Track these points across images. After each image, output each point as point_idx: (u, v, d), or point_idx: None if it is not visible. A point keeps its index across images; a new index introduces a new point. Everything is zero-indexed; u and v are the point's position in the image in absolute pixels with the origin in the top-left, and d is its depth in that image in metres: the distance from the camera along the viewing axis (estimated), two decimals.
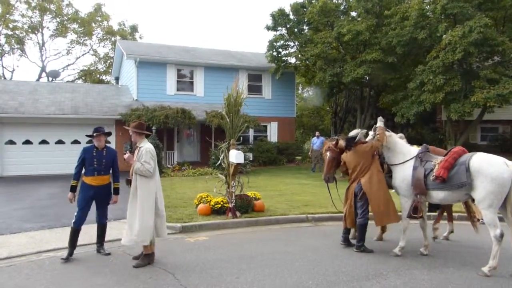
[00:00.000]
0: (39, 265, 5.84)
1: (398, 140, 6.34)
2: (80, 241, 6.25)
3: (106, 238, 7.17)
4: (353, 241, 6.54)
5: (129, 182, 5.98)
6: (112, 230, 7.84)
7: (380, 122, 6.39)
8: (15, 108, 17.49)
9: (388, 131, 6.36)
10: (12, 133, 17.61)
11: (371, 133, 6.54)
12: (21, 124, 17.58)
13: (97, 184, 6.14)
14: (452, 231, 7.21)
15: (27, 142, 17.86)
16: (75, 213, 6.08)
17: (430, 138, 20.99)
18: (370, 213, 6.33)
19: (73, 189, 6.15)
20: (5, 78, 33.14)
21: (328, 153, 6.56)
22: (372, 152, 6.32)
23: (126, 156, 5.75)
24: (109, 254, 6.19)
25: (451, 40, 15.38)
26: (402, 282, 5.01)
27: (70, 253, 6.02)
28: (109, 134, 6.55)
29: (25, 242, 6.99)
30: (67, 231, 7.08)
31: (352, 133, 6.55)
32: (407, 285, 4.90)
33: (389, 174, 6.47)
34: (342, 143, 6.57)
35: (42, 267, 5.74)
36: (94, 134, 6.18)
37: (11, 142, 17.63)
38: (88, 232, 6.79)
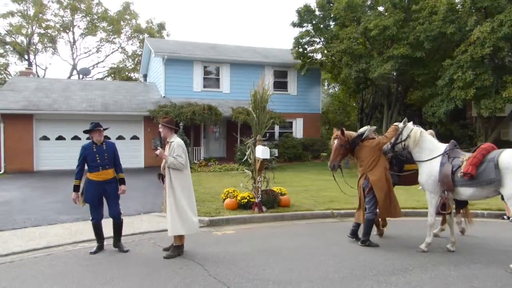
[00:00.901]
0: (75, 254, 6.14)
1: (426, 136, 6.32)
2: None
3: (138, 230, 7.50)
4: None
5: (160, 177, 6.19)
6: (144, 222, 8.17)
7: (400, 123, 6.44)
8: (49, 105, 18.14)
9: (418, 127, 6.37)
10: (46, 129, 18.27)
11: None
12: (55, 120, 18.22)
13: (103, 179, 6.13)
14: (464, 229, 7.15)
15: (60, 138, 18.49)
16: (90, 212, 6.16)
17: (460, 134, 20.55)
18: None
19: (76, 188, 6.12)
20: (38, 76, 34.26)
21: (335, 141, 6.62)
22: (379, 148, 6.42)
23: (158, 151, 5.90)
24: (127, 251, 6.15)
25: (479, 36, 15.01)
26: (428, 277, 5.02)
27: (100, 246, 6.20)
28: (106, 129, 6.42)
29: (61, 233, 7.33)
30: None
31: (361, 130, 6.72)
32: (434, 280, 4.91)
33: (396, 171, 6.74)
34: (349, 132, 6.68)
35: (78, 256, 6.03)
36: (95, 129, 6.15)
37: (45, 138, 18.30)
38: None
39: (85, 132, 6.36)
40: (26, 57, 36.81)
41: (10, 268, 5.56)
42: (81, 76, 35.71)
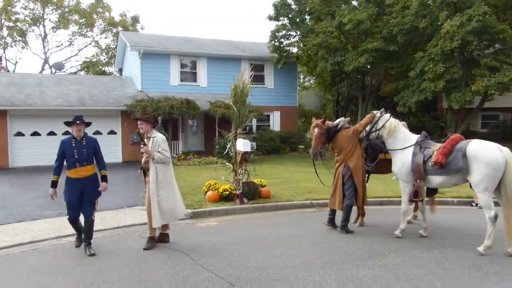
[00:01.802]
0: (61, 248, 6.24)
1: (401, 128, 6.66)
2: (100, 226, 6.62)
3: (122, 223, 7.61)
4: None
5: (141, 170, 6.31)
6: (127, 216, 8.29)
7: (377, 112, 6.79)
8: (22, 100, 17.79)
9: (394, 118, 6.71)
10: (21, 125, 17.92)
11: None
12: (29, 116, 17.87)
13: (81, 176, 5.85)
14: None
15: (35, 133, 18.17)
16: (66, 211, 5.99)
17: (431, 126, 21.29)
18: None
19: (54, 184, 5.89)
20: (8, 71, 33.33)
21: (316, 129, 6.91)
22: (355, 135, 6.78)
23: (143, 149, 6.02)
24: (93, 254, 5.77)
25: (449, 29, 15.58)
26: (402, 260, 5.38)
27: (79, 239, 6.12)
28: (89, 124, 6.17)
29: (45, 228, 7.38)
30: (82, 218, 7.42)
31: (336, 121, 7.12)
32: (407, 263, 5.26)
33: (371, 160, 7.18)
34: (328, 122, 7.03)
35: (64, 249, 6.13)
36: (77, 122, 5.87)
37: (19, 134, 17.95)
38: (104, 217, 7.16)
39: (66, 124, 6.08)
40: None
41: None
42: (54, 71, 34.92)
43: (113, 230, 7.15)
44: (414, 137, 6.49)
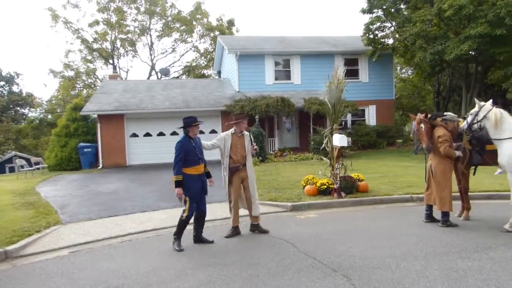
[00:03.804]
0: None
1: (507, 118, 6.35)
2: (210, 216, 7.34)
3: (213, 217, 8.00)
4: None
5: (231, 170, 6.72)
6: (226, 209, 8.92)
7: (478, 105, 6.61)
8: (137, 104, 19.87)
9: (497, 107, 6.44)
10: (135, 127, 20.04)
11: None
12: (142, 118, 19.92)
13: (201, 172, 6.31)
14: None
15: (147, 134, 20.18)
16: (186, 207, 6.17)
17: None
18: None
19: (181, 184, 6.07)
20: (121, 78, 37.21)
21: (422, 125, 6.85)
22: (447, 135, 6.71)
23: (254, 150, 6.80)
24: (212, 241, 6.35)
25: None
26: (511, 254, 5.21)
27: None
28: (202, 123, 6.60)
29: (164, 217, 8.37)
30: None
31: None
32: None
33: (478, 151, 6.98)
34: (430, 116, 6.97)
35: (183, 236, 6.92)
36: (195, 124, 6.28)
37: (134, 135, 20.09)
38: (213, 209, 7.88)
39: (185, 126, 6.31)
40: (110, 61, 40.03)
41: (130, 245, 6.63)
42: (160, 76, 38.08)
43: (223, 221, 7.84)
44: None
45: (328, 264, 5.14)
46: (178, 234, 6.25)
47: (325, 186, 9.50)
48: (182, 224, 6.25)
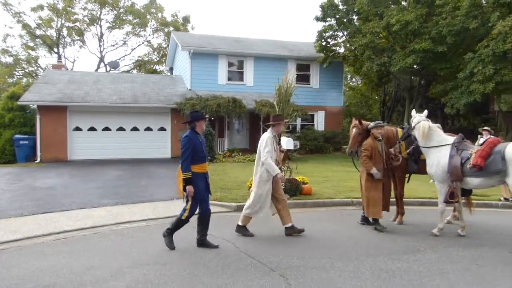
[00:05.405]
0: (120, 233, 6.90)
1: (436, 130, 6.78)
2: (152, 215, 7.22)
3: (172, 213, 8.06)
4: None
5: None
6: (177, 206, 8.84)
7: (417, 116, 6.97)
8: (82, 97, 19.09)
9: (426, 120, 6.84)
10: (79, 120, 19.23)
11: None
12: (87, 112, 19.15)
13: (206, 170, 5.96)
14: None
15: (92, 129, 19.43)
16: (187, 207, 5.80)
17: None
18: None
19: (191, 182, 5.68)
20: (66, 69, 35.62)
21: (354, 129, 7.20)
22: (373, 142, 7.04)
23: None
24: (217, 246, 5.95)
25: (501, 30, 15.14)
26: (437, 256, 5.56)
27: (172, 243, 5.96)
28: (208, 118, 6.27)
29: (104, 215, 8.12)
30: (138, 207, 8.19)
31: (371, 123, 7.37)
32: (442, 259, 5.45)
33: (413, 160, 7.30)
34: (365, 122, 7.31)
35: (123, 235, 6.78)
36: (205, 117, 6.05)
37: (77, 128, 19.27)
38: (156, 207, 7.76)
39: (193, 120, 5.88)
40: (55, 50, 38.13)
41: (64, 243, 6.36)
42: (109, 69, 36.84)
43: (165, 219, 7.73)
44: (450, 139, 6.63)
45: (267, 263, 5.23)
46: (173, 231, 5.93)
47: None
48: (180, 224, 5.91)
